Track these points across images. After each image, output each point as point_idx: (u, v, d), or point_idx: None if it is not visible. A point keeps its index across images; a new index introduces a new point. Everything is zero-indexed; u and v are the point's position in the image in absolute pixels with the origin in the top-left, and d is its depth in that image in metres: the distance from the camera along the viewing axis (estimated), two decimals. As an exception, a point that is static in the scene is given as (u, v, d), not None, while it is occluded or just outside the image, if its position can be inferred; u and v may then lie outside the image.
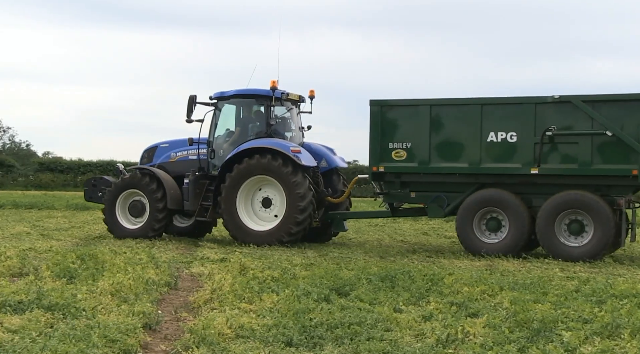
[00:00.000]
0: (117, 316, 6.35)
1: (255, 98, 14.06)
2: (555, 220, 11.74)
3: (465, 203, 12.36)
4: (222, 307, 6.96)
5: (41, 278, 8.34)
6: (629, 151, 11.47)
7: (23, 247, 11.56)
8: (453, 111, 12.59)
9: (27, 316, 6.20)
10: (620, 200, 11.54)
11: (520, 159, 12.06)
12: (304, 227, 13.16)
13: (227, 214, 13.40)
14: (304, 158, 13.19)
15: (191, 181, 13.85)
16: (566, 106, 11.84)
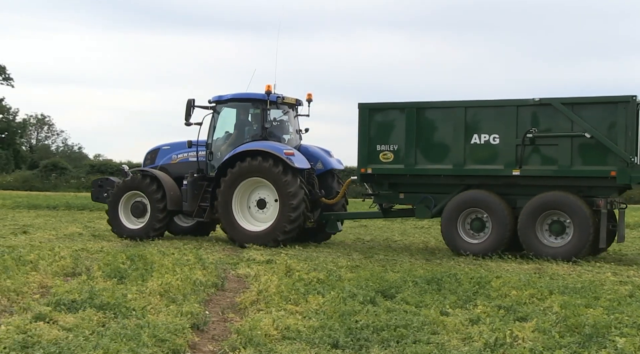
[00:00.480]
0: (166, 316, 6.46)
1: (251, 102, 14.33)
2: (536, 220, 11.89)
3: (449, 204, 12.54)
4: (269, 308, 7.01)
5: (93, 277, 8.54)
6: (607, 153, 11.56)
7: (76, 248, 11.86)
8: (438, 114, 12.78)
9: (81, 315, 6.35)
10: (600, 201, 11.62)
11: (503, 161, 12.21)
12: (298, 224, 13.40)
13: (224, 216, 13.71)
14: (296, 160, 13.45)
15: (189, 182, 14.20)
16: (546, 109, 11.97)
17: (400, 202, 13.52)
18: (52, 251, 10.90)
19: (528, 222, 11.90)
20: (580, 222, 11.60)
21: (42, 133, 76.04)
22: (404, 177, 13.01)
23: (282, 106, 14.53)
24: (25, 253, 10.31)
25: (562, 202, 11.78)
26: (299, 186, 13.34)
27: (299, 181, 13.40)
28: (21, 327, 5.80)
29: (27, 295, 7.49)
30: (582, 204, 11.67)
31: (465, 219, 12.52)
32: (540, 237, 11.89)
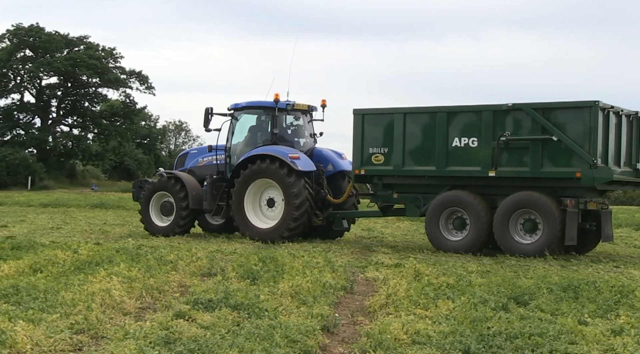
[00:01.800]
0: (297, 317, 6.60)
1: (263, 109, 15.45)
2: (510, 219, 12.53)
3: (432, 203, 13.29)
4: (398, 312, 6.99)
5: (227, 278, 8.87)
6: (573, 155, 12.14)
7: (211, 249, 12.37)
8: (423, 119, 13.60)
9: (217, 314, 6.62)
10: (567, 201, 12.13)
11: (480, 163, 12.88)
12: (302, 222, 14.44)
13: (237, 214, 14.88)
14: (300, 163, 14.45)
15: (209, 183, 15.35)
16: (519, 113, 12.65)
17: (394, 202, 14.34)
18: (190, 251, 11.43)
19: (502, 220, 12.55)
20: (549, 221, 12.18)
21: (179, 139, 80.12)
22: (396, 178, 13.89)
23: (293, 112, 15.60)
24: (166, 254, 10.87)
25: (533, 202, 12.39)
26: (302, 186, 14.33)
27: (303, 182, 14.37)
28: (164, 323, 6.13)
29: (168, 293, 7.90)
30: (551, 204, 12.24)
31: (447, 218, 13.25)
32: (513, 235, 12.53)
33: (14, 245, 11.47)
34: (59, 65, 59.54)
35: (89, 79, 63.13)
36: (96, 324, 6.17)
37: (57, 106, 64.58)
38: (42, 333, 5.68)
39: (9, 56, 59.69)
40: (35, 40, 60.27)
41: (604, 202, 13.08)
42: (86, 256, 10.14)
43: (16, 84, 62.60)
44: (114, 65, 64.60)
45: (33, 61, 60.72)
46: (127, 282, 7.99)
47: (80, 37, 63.10)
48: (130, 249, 11.50)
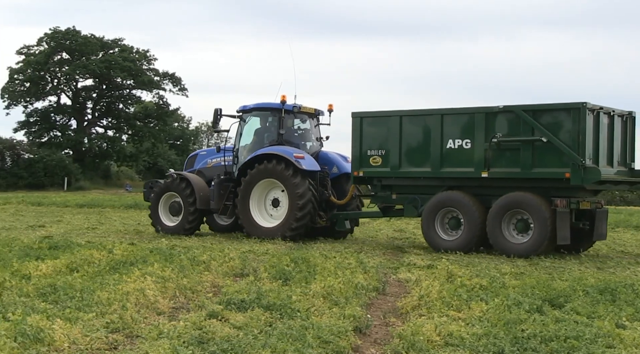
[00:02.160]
0: (329, 318, 6.60)
1: (270, 111, 15.77)
2: (502, 219, 12.72)
3: (428, 204, 13.53)
4: (430, 314, 6.95)
5: (260, 278, 8.91)
6: (562, 156, 12.27)
7: (243, 250, 12.44)
8: (419, 121, 13.88)
9: (249, 314, 6.66)
10: (558, 201, 12.26)
11: (474, 164, 13.10)
12: (304, 223, 14.73)
13: (242, 212, 15.18)
14: (305, 163, 14.70)
15: (216, 183, 15.68)
16: (510, 115, 12.85)
17: (393, 203, 14.60)
18: (223, 252, 11.50)
19: (495, 220, 12.75)
20: (539, 221, 12.34)
21: (212, 139, 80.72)
22: (395, 179, 14.20)
23: (300, 115, 16.00)
24: (199, 254, 10.97)
25: (524, 202, 12.59)
26: (307, 188, 14.63)
27: (308, 183, 14.66)
28: (197, 323, 6.18)
29: (201, 293, 7.97)
30: (542, 204, 12.40)
31: (443, 218, 13.48)
32: (506, 235, 12.73)
33: (52, 245, 11.67)
34: (95, 67, 60.42)
35: (124, 81, 63.96)
36: (131, 323, 6.25)
37: (93, 108, 65.54)
38: (78, 332, 5.77)
39: (46, 59, 60.76)
40: (72, 44, 61.26)
41: (598, 201, 13.29)
42: (121, 256, 10.28)
43: (53, 86, 63.67)
44: (148, 67, 65.32)
45: (69, 64, 61.70)
46: (161, 282, 8.08)
47: (115, 40, 63.95)
48: (163, 249, 11.63)
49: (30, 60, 61.12)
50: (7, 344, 5.14)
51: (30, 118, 62.49)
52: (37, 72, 61.66)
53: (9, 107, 61.81)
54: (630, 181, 13.71)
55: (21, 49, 62.10)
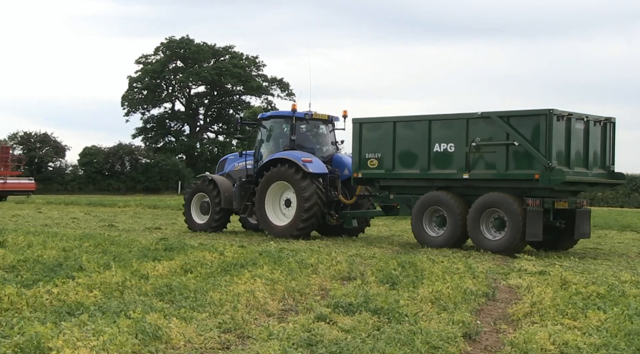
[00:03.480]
0: (438, 323, 6.51)
1: (283, 118, 17.07)
2: (481, 217, 13.68)
3: (417, 203, 14.61)
4: (544, 321, 6.72)
5: (367, 282, 8.91)
6: (532, 159, 13.22)
7: (350, 253, 12.50)
8: (410, 127, 15.01)
9: (357, 318, 6.67)
10: (529, 200, 13.12)
11: (456, 166, 14.18)
12: (311, 223, 15.90)
13: (258, 211, 16.47)
14: (312, 166, 15.77)
15: (238, 185, 17.11)
16: (487, 121, 13.84)
17: (391, 202, 15.60)
18: (330, 255, 11.59)
19: (474, 218, 13.71)
20: (512, 219, 13.24)
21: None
22: (387, 180, 15.30)
23: (313, 122, 17.13)
24: (307, 257, 11.10)
25: (499, 202, 13.51)
26: (313, 190, 15.70)
27: (315, 187, 15.72)
28: (306, 326, 6.26)
29: (309, 296, 8.06)
30: (515, 203, 13.28)
31: (430, 216, 14.54)
32: (483, 232, 13.70)
33: (167, 246, 12.16)
34: (206, 74, 62.54)
35: (234, 87, 65.80)
36: (242, 324, 6.41)
37: (204, 114, 67.84)
38: (193, 331, 5.98)
39: (162, 68, 63.49)
40: (186, 52, 63.72)
41: (579, 201, 14.07)
42: (231, 258, 10.56)
43: (168, 93, 66.41)
44: (257, 73, 66.93)
45: (183, 72, 64.19)
46: (270, 284, 8.24)
47: (225, 47, 65.96)
48: (272, 252, 11.86)
49: (148, 69, 64.08)
50: (129, 341, 5.40)
51: (147, 124, 65.57)
52: (154, 80, 64.53)
53: (128, 114, 65.10)
54: (608, 183, 14.60)
55: (139, 58, 65.27)
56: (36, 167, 56.47)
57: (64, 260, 9.62)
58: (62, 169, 59.53)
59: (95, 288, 7.58)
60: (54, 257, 9.92)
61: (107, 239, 12.97)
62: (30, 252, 10.34)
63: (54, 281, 7.80)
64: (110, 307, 6.67)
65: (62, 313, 6.44)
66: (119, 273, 8.50)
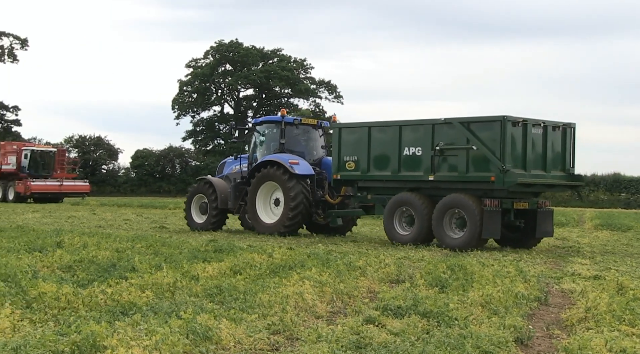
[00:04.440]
0: (489, 327, 6.42)
1: (274, 123, 18.24)
2: (444, 216, 14.60)
3: (388, 203, 15.58)
4: (599, 327, 6.56)
5: (416, 285, 8.85)
6: (488, 161, 14.18)
7: (399, 256, 12.43)
8: (382, 131, 15.99)
9: (406, 321, 6.63)
10: (487, 201, 14.04)
11: (423, 169, 15.17)
12: (297, 221, 17.04)
13: (250, 210, 17.66)
14: (299, 168, 16.95)
15: (232, 186, 18.32)
16: (450, 126, 14.81)
17: (368, 202, 16.50)
18: (378, 258, 11.56)
19: (438, 218, 14.66)
20: (471, 219, 14.18)
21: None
22: (363, 181, 16.35)
23: (302, 127, 18.39)
24: (355, 259, 11.09)
25: (460, 202, 14.44)
26: (299, 190, 16.80)
27: (301, 187, 16.83)
28: (354, 328, 6.25)
29: (358, 299, 8.04)
30: (473, 204, 14.19)
31: (400, 216, 15.49)
32: (446, 230, 14.63)
33: (216, 248, 12.31)
34: (255, 77, 63.07)
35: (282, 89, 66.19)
36: (291, 325, 6.43)
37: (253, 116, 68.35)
38: (242, 332, 6.03)
39: (211, 71, 64.28)
40: (235, 55, 64.38)
41: (542, 202, 15.10)
42: (280, 260, 10.62)
43: (217, 97, 67.18)
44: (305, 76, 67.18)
45: (232, 75, 64.85)
46: (319, 286, 8.25)
47: (274, 50, 66.40)
48: (320, 254, 11.87)
49: (198, 72, 64.98)
50: (181, 341, 5.48)
51: (197, 127, 66.44)
52: (203, 84, 65.39)
53: (179, 118, 66.05)
54: (567, 185, 15.57)
55: (189, 62, 66.24)
56: (90, 169, 57.85)
57: (117, 261, 9.83)
58: (115, 171, 60.89)
59: (147, 288, 7.72)
60: (108, 258, 10.13)
61: (158, 240, 13.19)
62: (86, 252, 10.59)
63: (108, 281, 7.97)
64: (162, 307, 6.78)
65: (115, 312, 6.57)
66: (170, 273, 8.64)
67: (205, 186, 18.84)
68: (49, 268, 9.20)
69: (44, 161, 40.52)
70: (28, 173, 39.09)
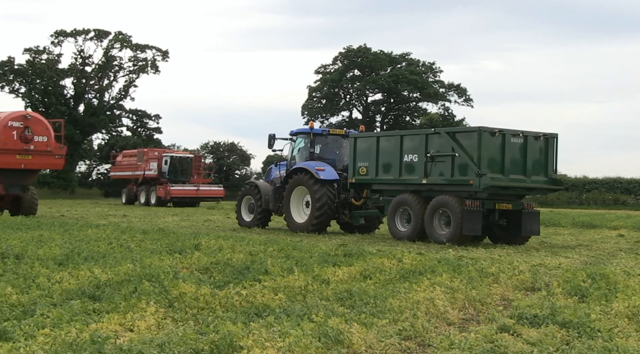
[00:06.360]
0: (637, 341, 6.04)
1: (305, 134, 20.62)
2: (434, 215, 16.62)
3: (391, 203, 17.75)
4: None
5: (553, 294, 8.48)
6: (468, 167, 16.10)
7: (534, 263, 11.97)
8: (388, 140, 18.29)
9: (543, 331, 6.36)
10: (468, 201, 15.91)
11: (418, 173, 17.20)
12: (322, 220, 19.25)
13: (285, 211, 20.05)
14: (324, 174, 19.16)
15: (273, 190, 20.77)
16: (439, 136, 16.88)
17: (380, 203, 18.54)
18: (511, 265, 11.19)
19: (429, 216, 16.72)
20: (455, 217, 16.12)
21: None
22: (375, 184, 18.48)
23: (331, 136, 20.91)
24: (487, 266, 10.80)
25: (446, 202, 16.42)
26: (324, 193, 18.98)
27: (326, 190, 19.01)
28: (488, 336, 6.07)
29: (491, 306, 7.82)
30: (457, 204, 16.10)
31: (401, 215, 17.59)
32: (435, 228, 16.63)
33: (346, 252, 12.38)
34: (383, 82, 63.13)
35: (410, 94, 65.82)
36: (422, 332, 6.35)
37: (381, 121, 68.43)
38: (374, 336, 6.03)
39: (340, 77, 65.04)
40: (363, 61, 64.78)
41: (528, 204, 17.07)
42: (410, 265, 10.52)
43: (346, 102, 67.85)
44: (433, 79, 66.44)
45: (360, 80, 65.27)
46: (450, 292, 8.10)
47: (402, 55, 66.20)
48: (451, 260, 11.66)
49: (326, 78, 65.97)
50: (313, 343, 5.56)
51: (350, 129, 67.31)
52: (332, 89, 66.26)
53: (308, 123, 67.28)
54: (547, 188, 17.59)
55: (318, 68, 67.38)
56: (224, 174, 60.14)
57: (251, 263, 10.11)
58: (247, 176, 62.93)
59: (279, 291, 7.89)
60: (242, 261, 10.46)
61: (289, 244, 13.46)
62: (221, 255, 10.98)
63: (242, 283, 8.22)
64: (294, 310, 6.90)
65: (250, 313, 6.76)
66: (302, 277, 8.78)
67: (252, 188, 21.44)
68: (188, 269, 9.62)
69: (182, 166, 42.56)
70: (168, 178, 41.20)
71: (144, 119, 64.83)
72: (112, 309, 6.63)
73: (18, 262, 9.31)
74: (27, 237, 12.88)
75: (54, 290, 7.42)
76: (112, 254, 10.56)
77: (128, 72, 62.01)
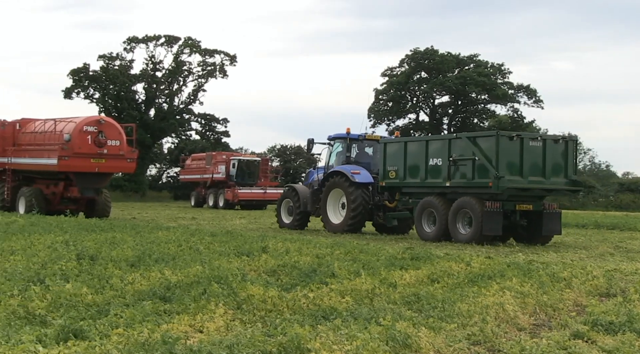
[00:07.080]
0: None
1: (342, 139, 21.41)
2: (457, 216, 17.36)
3: (418, 205, 18.50)
4: None
5: (629, 300, 8.20)
6: (487, 170, 16.96)
7: (608, 268, 11.60)
8: (415, 146, 19.12)
9: (620, 338, 6.16)
10: (488, 203, 16.69)
11: (442, 176, 17.96)
12: (357, 220, 20.12)
13: (322, 212, 20.94)
14: (359, 177, 20.04)
15: (310, 192, 21.65)
16: (461, 140, 17.78)
17: (409, 205, 19.35)
18: (584, 269, 10.88)
19: (452, 217, 17.38)
20: (476, 218, 16.75)
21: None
22: (405, 187, 19.32)
23: (368, 142, 21.63)
24: (558, 270, 10.53)
25: (468, 204, 17.10)
26: (359, 196, 19.86)
27: (361, 192, 19.87)
28: (561, 343, 5.92)
29: (563, 312, 7.62)
30: (478, 205, 16.76)
31: (427, 216, 18.28)
32: (458, 228, 17.30)
33: (413, 256, 12.29)
34: (450, 84, 62.42)
35: (478, 95, 64.83)
36: (492, 337, 6.24)
37: (448, 124, 67.64)
38: (442, 341, 5.95)
39: (406, 79, 64.67)
40: (430, 63, 64.22)
41: (549, 204, 17.65)
42: (478, 269, 10.36)
43: (412, 104, 67.40)
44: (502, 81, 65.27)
45: (427, 82, 64.73)
46: (520, 297, 7.94)
47: (470, 56, 65.30)
48: (521, 264, 11.42)
49: (393, 81, 65.69)
50: (381, 347, 5.53)
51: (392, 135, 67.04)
52: (399, 92, 65.93)
53: (375, 126, 67.10)
54: (567, 189, 18.11)
55: (385, 71, 67.19)
56: (291, 177, 60.60)
57: (318, 266, 10.14)
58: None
59: (346, 294, 7.88)
60: (309, 264, 10.50)
61: (356, 247, 13.44)
62: (288, 257, 11.06)
63: (309, 286, 8.25)
64: (361, 313, 6.89)
65: (317, 316, 6.78)
66: (368, 280, 8.75)
67: (291, 192, 22.39)
68: (256, 271, 9.73)
69: (249, 169, 43.10)
70: (236, 181, 41.80)
71: (212, 123, 65.97)
72: (182, 310, 6.76)
73: (92, 264, 9.61)
74: (100, 239, 13.28)
75: (126, 291, 7.62)
76: (181, 256, 10.77)
77: (197, 77, 63.24)
